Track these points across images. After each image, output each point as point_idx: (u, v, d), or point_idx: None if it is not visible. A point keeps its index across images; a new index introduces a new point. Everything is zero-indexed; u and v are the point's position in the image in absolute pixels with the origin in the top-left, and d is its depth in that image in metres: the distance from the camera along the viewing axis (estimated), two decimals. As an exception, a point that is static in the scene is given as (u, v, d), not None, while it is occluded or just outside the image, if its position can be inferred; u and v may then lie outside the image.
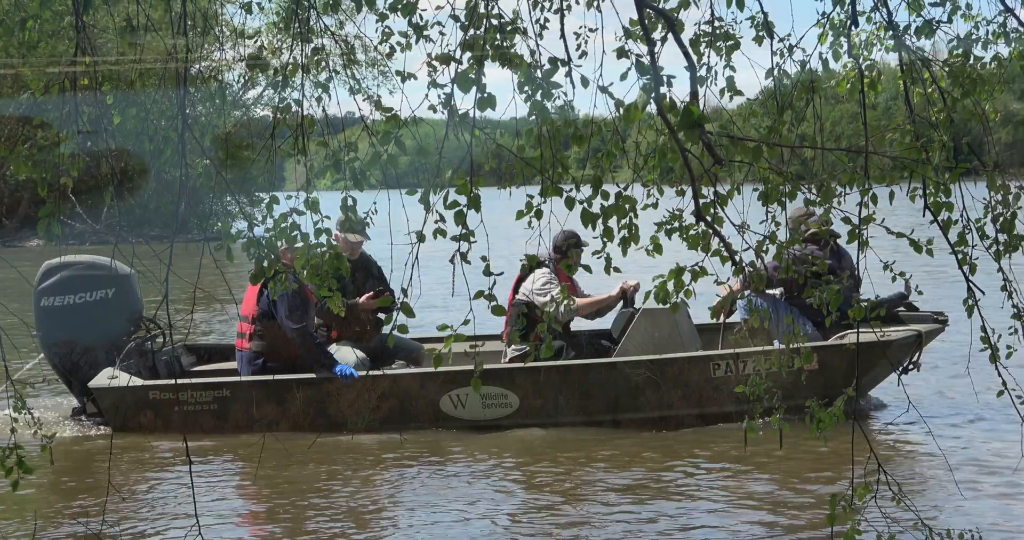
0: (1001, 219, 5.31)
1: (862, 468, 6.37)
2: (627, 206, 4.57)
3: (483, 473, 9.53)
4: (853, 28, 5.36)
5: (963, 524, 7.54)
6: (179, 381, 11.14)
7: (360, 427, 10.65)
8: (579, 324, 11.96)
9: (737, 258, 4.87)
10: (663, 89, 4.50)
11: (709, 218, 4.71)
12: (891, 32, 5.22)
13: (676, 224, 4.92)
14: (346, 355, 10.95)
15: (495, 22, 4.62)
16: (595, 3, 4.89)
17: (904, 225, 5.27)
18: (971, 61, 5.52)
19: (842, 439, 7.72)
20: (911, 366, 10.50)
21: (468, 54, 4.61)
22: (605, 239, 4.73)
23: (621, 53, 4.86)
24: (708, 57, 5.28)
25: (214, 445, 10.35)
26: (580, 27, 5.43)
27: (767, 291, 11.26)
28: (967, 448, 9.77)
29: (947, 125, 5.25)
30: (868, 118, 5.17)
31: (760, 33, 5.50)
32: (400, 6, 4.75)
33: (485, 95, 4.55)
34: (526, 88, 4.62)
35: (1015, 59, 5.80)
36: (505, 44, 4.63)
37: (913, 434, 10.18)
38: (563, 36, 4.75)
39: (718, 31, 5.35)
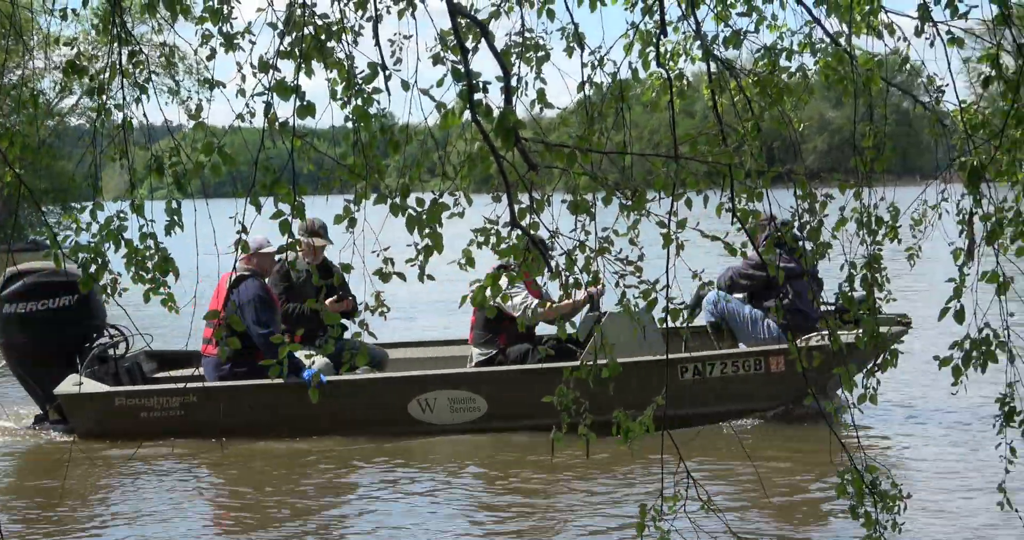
0: (808, 227, 5.42)
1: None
2: (436, 213, 4.57)
3: (450, 477, 9.63)
4: (662, 38, 5.44)
5: (772, 532, 7.71)
6: (145, 387, 11.09)
7: (328, 432, 10.68)
8: (545, 328, 11.98)
9: (553, 264, 4.92)
10: (477, 95, 4.53)
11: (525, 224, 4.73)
12: (699, 42, 5.31)
13: (490, 235, 4.93)
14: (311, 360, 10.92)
15: (319, 22, 4.60)
16: (408, 11, 4.89)
17: (720, 230, 5.36)
18: (776, 71, 5.64)
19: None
20: (876, 368, 10.59)
21: (286, 62, 4.58)
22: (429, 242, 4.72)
23: (436, 60, 4.88)
24: (519, 68, 5.32)
25: (179, 451, 10.39)
26: (395, 34, 5.43)
27: (732, 295, 11.43)
28: (788, 455, 9.98)
29: (755, 133, 5.35)
30: (688, 126, 5.26)
31: (571, 44, 5.55)
32: (211, 13, 4.71)
33: (305, 103, 4.53)
34: (342, 95, 4.61)
35: (821, 69, 5.93)
36: (330, 44, 4.61)
37: (729, 441, 10.37)
38: (377, 43, 4.74)
39: (528, 42, 5.39)
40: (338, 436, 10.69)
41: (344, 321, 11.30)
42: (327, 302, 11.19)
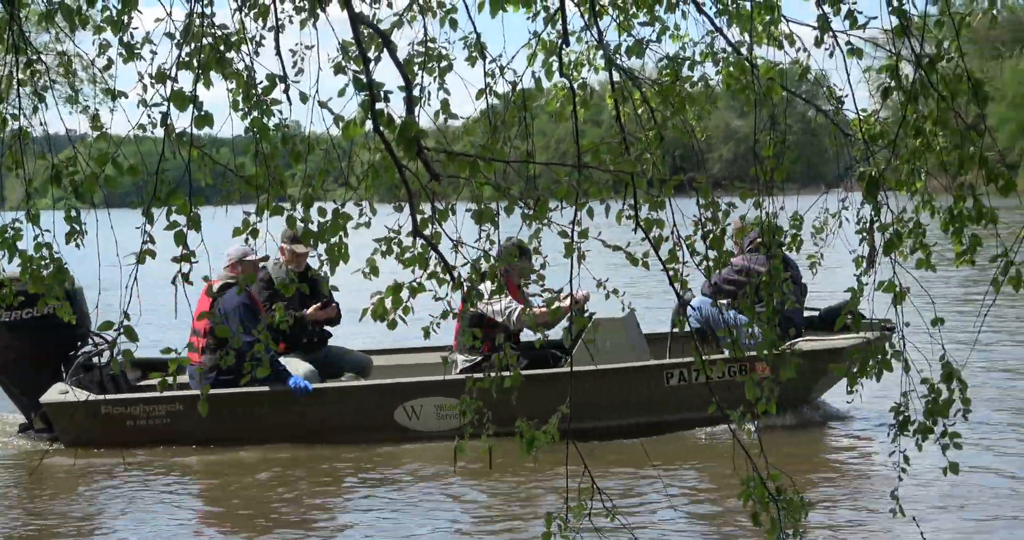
0: (711, 236, 5.44)
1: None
2: (340, 223, 4.56)
3: (437, 484, 9.62)
4: (564, 47, 5.45)
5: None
6: (131, 395, 11.02)
7: (314, 439, 10.68)
8: (530, 334, 11.96)
9: (455, 274, 4.91)
10: (379, 105, 4.51)
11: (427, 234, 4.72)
12: (602, 51, 5.32)
13: (394, 244, 4.91)
14: (296, 367, 10.90)
15: (218, 32, 4.57)
16: (311, 21, 4.88)
17: (622, 240, 5.37)
18: (679, 80, 5.68)
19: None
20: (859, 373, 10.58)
21: (185, 72, 4.55)
22: (327, 256, 4.70)
23: (339, 69, 4.87)
24: (422, 78, 5.32)
25: (165, 460, 10.34)
26: (296, 44, 5.41)
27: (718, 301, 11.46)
28: (697, 462, 10.03)
29: (658, 142, 5.37)
30: (594, 135, 5.25)
31: (473, 53, 5.55)
32: (110, 23, 4.67)
33: (203, 113, 4.50)
34: (243, 106, 4.58)
35: (724, 78, 5.98)
36: (228, 55, 4.58)
37: (634, 451, 10.42)
38: (279, 53, 4.72)
39: (431, 52, 5.39)
40: (324, 443, 10.70)
41: (327, 328, 11.49)
42: (312, 308, 11.29)
